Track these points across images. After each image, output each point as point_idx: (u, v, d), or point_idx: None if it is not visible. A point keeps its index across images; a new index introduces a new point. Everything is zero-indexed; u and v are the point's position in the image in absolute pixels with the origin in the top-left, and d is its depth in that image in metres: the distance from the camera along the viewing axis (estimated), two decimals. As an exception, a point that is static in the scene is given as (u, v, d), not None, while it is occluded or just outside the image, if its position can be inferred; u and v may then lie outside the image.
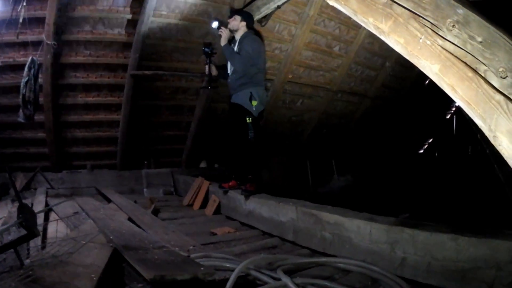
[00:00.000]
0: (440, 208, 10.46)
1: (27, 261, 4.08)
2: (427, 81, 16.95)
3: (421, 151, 21.72)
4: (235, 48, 7.92)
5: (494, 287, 3.59)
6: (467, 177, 13.91)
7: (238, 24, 7.94)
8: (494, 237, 3.75)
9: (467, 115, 2.58)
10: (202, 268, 4.02)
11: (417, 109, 17.75)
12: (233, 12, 8.19)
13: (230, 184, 8.34)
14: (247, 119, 7.66)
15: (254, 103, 7.61)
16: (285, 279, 3.97)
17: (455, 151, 19.18)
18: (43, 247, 4.82)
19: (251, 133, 7.65)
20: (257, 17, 9.41)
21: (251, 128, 7.66)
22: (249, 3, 9.49)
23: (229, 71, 8.13)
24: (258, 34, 8.29)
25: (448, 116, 20.95)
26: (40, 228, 5.03)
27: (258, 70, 7.77)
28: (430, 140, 21.54)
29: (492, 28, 2.32)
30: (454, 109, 20.29)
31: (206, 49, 8.27)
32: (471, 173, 14.03)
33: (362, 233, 4.94)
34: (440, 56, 2.48)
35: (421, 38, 2.53)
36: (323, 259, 5.00)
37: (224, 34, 7.90)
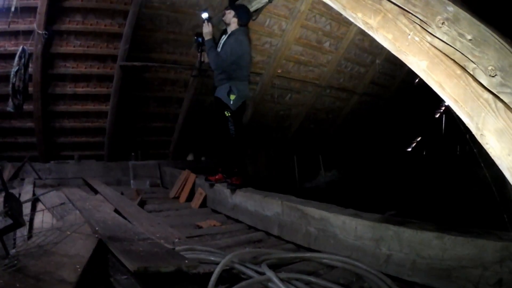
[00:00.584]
0: (427, 206, 10.48)
1: (12, 251, 4.07)
2: (416, 80, 16.99)
3: (409, 149, 21.78)
4: (223, 41, 7.93)
5: (479, 286, 3.59)
6: (454, 176, 13.95)
7: (230, 19, 7.92)
8: (480, 237, 3.75)
9: (454, 113, 2.58)
10: (186, 261, 4.02)
11: (406, 107, 17.78)
12: (230, 5, 8.18)
13: (216, 177, 8.34)
14: (226, 113, 7.69)
15: (232, 97, 7.62)
16: (270, 274, 3.97)
17: (443, 150, 19.24)
18: (29, 237, 4.81)
19: (232, 127, 7.68)
20: (248, 11, 9.42)
21: (231, 122, 7.69)
22: (242, -4, 9.48)
23: None
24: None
25: (437, 115, 21.01)
26: (26, 218, 5.04)
27: (239, 66, 7.72)
28: (419, 139, 21.60)
29: (482, 26, 2.31)
30: (443, 108, 20.35)
31: (198, 39, 8.26)
32: (459, 172, 14.06)
33: (347, 229, 4.93)
34: (429, 53, 2.48)
35: (409, 35, 2.52)
36: (308, 254, 5.01)
37: (206, 29, 7.88)
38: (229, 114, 7.67)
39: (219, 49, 7.89)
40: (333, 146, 16.31)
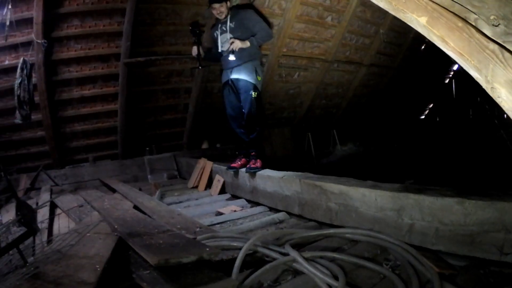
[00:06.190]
0: (445, 172, 10.44)
1: (31, 259, 4.05)
2: (423, 46, 16.92)
3: (423, 117, 21.72)
4: (228, 28, 7.75)
5: (504, 249, 3.53)
6: (469, 139, 13.91)
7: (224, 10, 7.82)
8: (500, 199, 3.67)
9: (461, 68, 2.51)
10: (207, 249, 3.98)
11: (416, 74, 17.73)
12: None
13: (240, 163, 8.22)
14: (252, 93, 7.54)
15: (259, 78, 7.59)
16: (293, 254, 3.94)
17: (456, 115, 19.19)
18: (49, 243, 4.80)
19: (254, 108, 7.54)
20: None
21: (254, 103, 7.54)
22: (237, -21, 9.44)
23: (220, 49, 7.94)
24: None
25: (447, 81, 20.95)
26: (45, 224, 5.01)
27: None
28: (431, 105, 21.54)
29: (479, -27, 2.24)
30: (452, 73, 20.30)
31: (195, 29, 8.11)
32: (473, 135, 14.04)
33: (367, 202, 4.88)
34: (427, 7, 2.41)
35: (405, -9, 2.47)
36: (331, 230, 4.96)
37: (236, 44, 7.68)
38: (255, 95, 7.55)
39: (219, 43, 7.87)
40: (346, 120, 16.29)
